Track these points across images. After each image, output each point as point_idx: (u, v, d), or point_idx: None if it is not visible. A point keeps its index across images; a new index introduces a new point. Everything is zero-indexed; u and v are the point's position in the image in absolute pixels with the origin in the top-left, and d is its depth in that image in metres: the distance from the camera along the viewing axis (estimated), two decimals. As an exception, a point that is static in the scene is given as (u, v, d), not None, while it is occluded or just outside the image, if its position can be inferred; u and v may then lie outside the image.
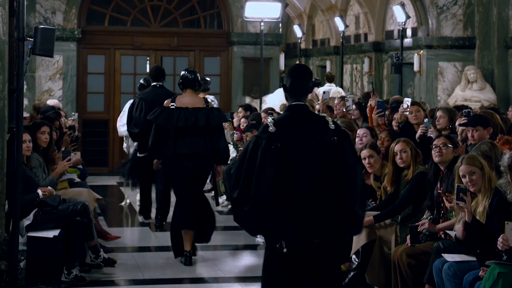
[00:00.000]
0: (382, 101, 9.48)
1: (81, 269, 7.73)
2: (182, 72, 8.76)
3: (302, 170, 4.89)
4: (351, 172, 4.95)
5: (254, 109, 12.47)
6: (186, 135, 8.34)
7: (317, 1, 21.05)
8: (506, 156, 5.94)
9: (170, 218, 8.92)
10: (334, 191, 4.90)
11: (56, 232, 7.53)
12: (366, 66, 18.59)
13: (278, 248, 4.88)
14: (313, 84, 21.20)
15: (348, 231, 5.11)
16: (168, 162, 8.45)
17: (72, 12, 15.31)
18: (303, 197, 4.88)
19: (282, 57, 19.50)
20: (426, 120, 8.39)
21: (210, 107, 8.54)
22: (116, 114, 14.33)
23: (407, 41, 16.64)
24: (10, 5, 7.35)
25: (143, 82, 11.41)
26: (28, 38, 6.87)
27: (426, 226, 6.62)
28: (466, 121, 7.68)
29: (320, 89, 15.99)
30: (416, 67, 16.32)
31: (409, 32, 16.92)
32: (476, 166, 6.00)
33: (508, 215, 5.70)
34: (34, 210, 7.54)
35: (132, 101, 10.80)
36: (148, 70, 14.88)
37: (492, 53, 15.49)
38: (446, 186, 6.64)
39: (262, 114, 11.45)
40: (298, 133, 4.95)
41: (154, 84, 10.47)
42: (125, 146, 12.08)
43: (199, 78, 8.80)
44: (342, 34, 18.54)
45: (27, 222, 7.53)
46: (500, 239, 5.47)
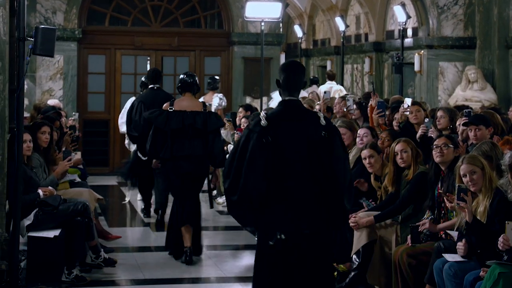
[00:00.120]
0: (382, 101, 9.48)
1: (81, 269, 7.74)
2: (181, 75, 8.88)
3: (292, 163, 5.05)
4: (340, 167, 5.10)
5: (255, 109, 12.45)
6: (184, 137, 8.44)
7: (317, 1, 21.05)
8: (507, 155, 5.94)
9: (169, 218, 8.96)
10: (323, 185, 5.05)
11: (56, 232, 7.53)
12: (366, 66, 18.57)
13: (274, 240, 5.00)
14: (311, 82, 20.96)
15: (335, 224, 5.25)
16: (165, 164, 8.59)
17: (72, 12, 15.30)
18: (293, 189, 5.03)
19: (282, 57, 19.49)
20: (426, 120, 8.38)
21: (208, 111, 8.67)
22: (116, 114, 14.34)
23: (408, 41, 16.63)
24: (10, 5, 7.35)
25: (145, 80, 11.42)
26: (28, 38, 6.86)
27: (427, 226, 6.61)
28: (468, 120, 7.67)
29: (321, 88, 15.98)
30: (416, 67, 16.30)
31: (409, 32, 16.91)
32: (476, 165, 6.00)
33: (509, 215, 5.70)
34: (35, 210, 7.54)
35: (132, 99, 10.80)
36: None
37: (492, 53, 15.47)
38: (447, 186, 6.63)
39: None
40: (289, 127, 5.09)
41: (151, 86, 10.50)
42: (126, 142, 12.08)
43: (197, 81, 8.90)
44: (342, 34, 18.53)
45: (28, 222, 7.53)
46: (500, 239, 5.47)
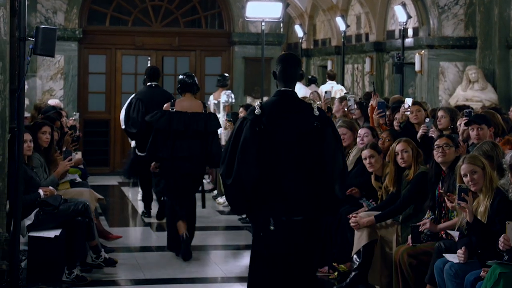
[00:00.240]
0: (383, 101, 9.48)
1: (82, 269, 7.74)
2: (180, 76, 9.01)
3: (284, 151, 5.18)
4: (331, 158, 5.22)
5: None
6: (184, 138, 8.61)
7: (318, 1, 21.05)
8: (508, 155, 5.94)
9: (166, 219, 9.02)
10: (313, 173, 5.18)
11: (57, 232, 7.53)
12: (367, 66, 18.57)
13: (273, 224, 5.15)
14: (310, 81, 20.92)
15: (326, 212, 5.37)
16: (164, 164, 8.69)
17: (73, 12, 15.30)
18: (285, 176, 5.17)
19: (283, 57, 19.45)
20: (427, 120, 8.38)
21: (208, 113, 8.85)
22: (117, 114, 14.38)
23: (408, 41, 16.63)
24: (11, 5, 7.35)
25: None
26: (29, 38, 6.87)
27: (428, 226, 6.61)
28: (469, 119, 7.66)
29: (322, 88, 15.96)
30: (417, 67, 16.30)
31: (410, 32, 16.91)
32: (477, 165, 5.99)
33: (509, 215, 5.69)
34: (35, 210, 7.53)
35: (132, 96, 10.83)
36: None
37: (493, 53, 15.47)
38: (447, 186, 6.63)
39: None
40: (282, 116, 5.23)
41: (149, 84, 10.56)
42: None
43: (197, 81, 8.97)
44: (343, 34, 18.53)
45: (28, 222, 7.53)
46: (501, 239, 5.47)
